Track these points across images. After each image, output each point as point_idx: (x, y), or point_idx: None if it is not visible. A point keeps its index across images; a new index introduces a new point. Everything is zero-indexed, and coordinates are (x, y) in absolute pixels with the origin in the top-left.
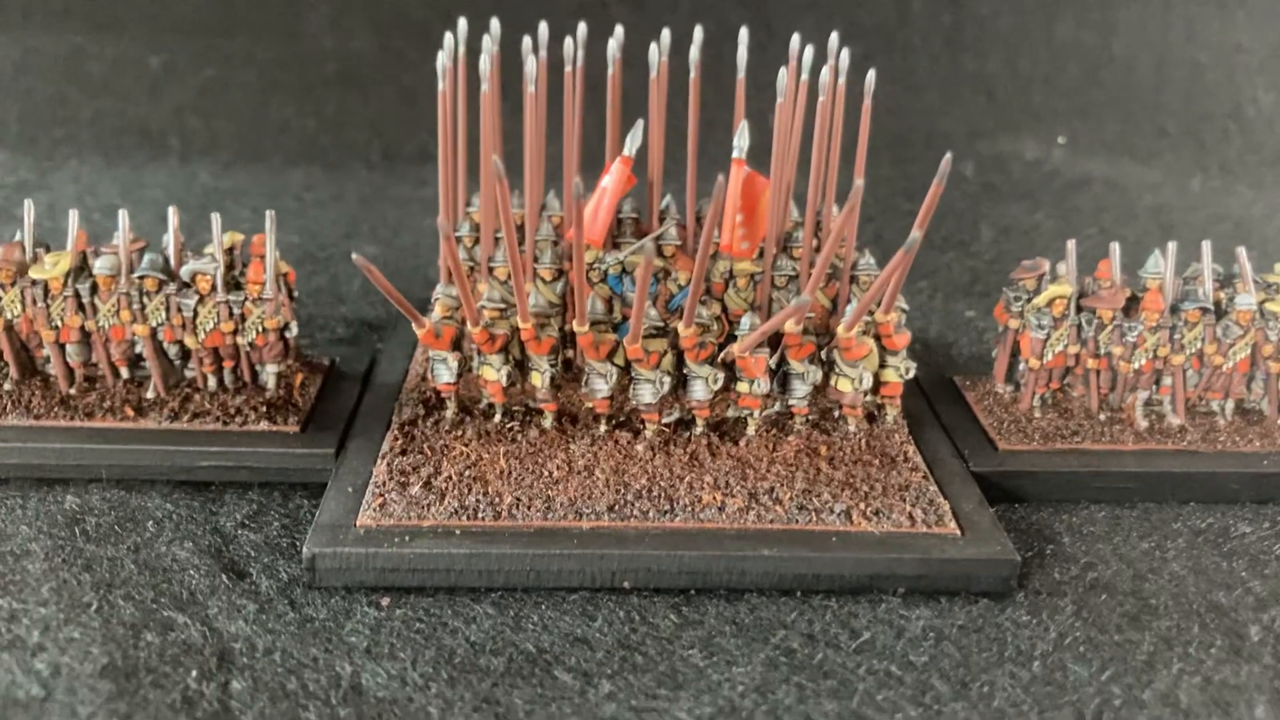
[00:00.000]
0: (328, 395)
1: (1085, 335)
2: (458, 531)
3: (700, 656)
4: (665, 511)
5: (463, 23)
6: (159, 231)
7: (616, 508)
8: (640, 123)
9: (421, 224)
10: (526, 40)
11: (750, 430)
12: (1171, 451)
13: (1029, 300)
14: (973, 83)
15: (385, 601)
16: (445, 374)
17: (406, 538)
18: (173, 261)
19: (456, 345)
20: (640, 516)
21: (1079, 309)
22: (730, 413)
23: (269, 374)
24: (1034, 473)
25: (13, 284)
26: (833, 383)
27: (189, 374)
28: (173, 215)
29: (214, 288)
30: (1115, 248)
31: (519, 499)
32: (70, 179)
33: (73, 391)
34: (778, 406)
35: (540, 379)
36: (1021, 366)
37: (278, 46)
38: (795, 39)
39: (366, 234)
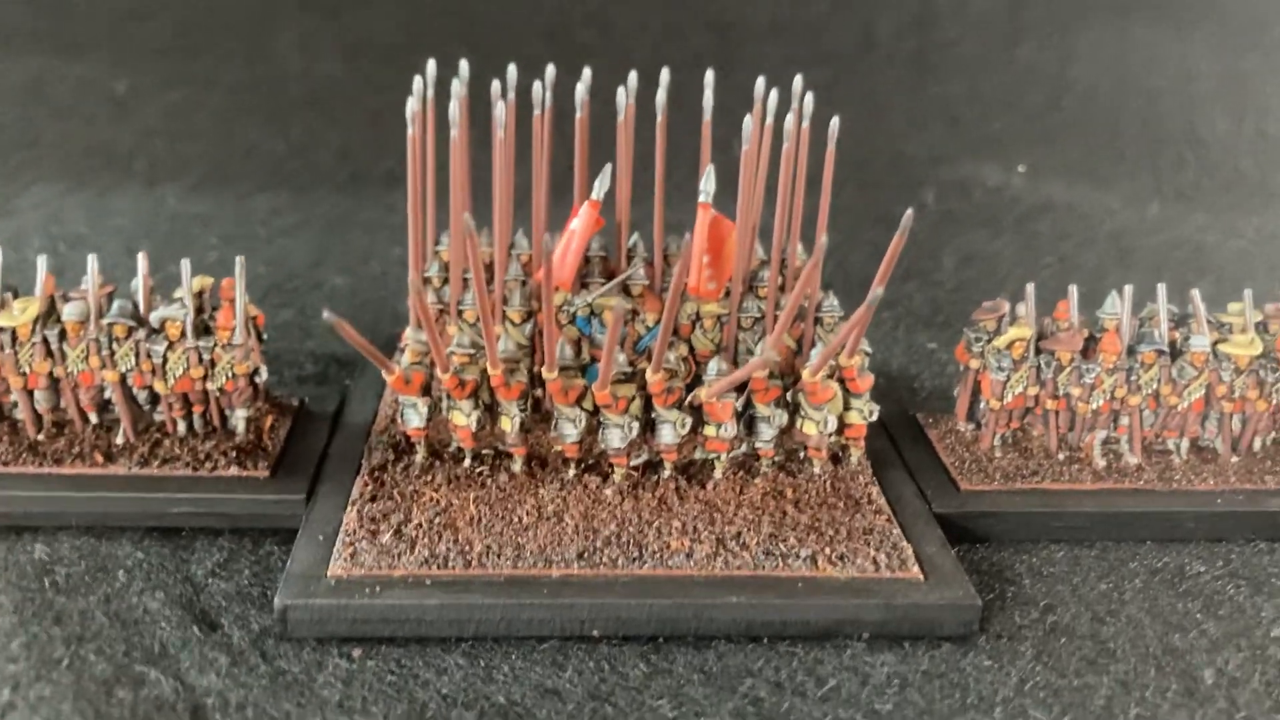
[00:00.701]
0: (297, 437)
1: (1044, 377)
2: (428, 581)
3: (669, 707)
4: (634, 559)
5: (431, 65)
6: (127, 263)
7: (585, 555)
8: (609, 167)
9: (389, 252)
10: (495, 85)
11: (717, 473)
12: (1128, 490)
13: (989, 341)
14: (936, 108)
15: (357, 653)
16: (415, 419)
17: (377, 588)
18: (142, 307)
19: (426, 390)
20: (609, 564)
21: (1038, 350)
22: (698, 454)
23: (238, 419)
24: (995, 513)
25: None
26: (798, 425)
27: (157, 418)
28: (142, 260)
29: (183, 334)
30: (1073, 290)
31: (489, 546)
32: (34, 204)
33: (41, 437)
34: (744, 448)
35: (509, 424)
36: (982, 405)
37: (244, 69)
38: (760, 83)
39: (334, 264)
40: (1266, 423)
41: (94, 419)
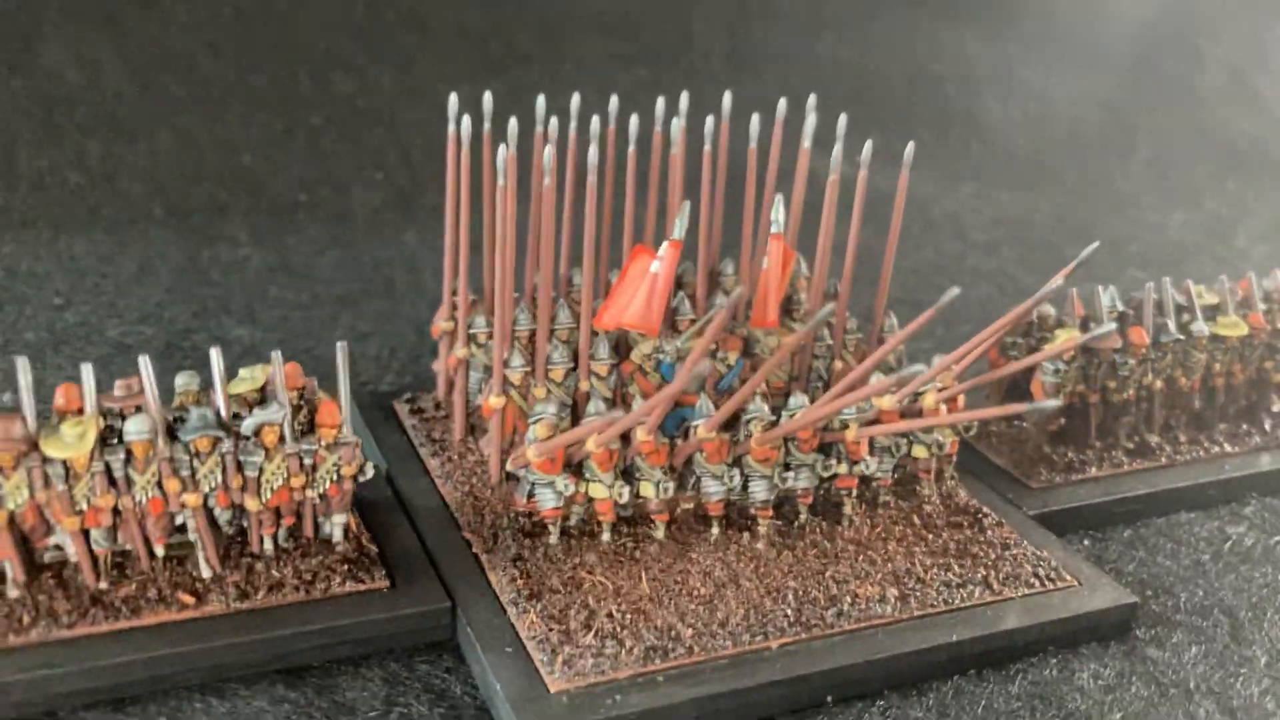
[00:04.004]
0: (382, 536)
1: (1089, 374)
2: (660, 678)
3: None
4: (840, 614)
5: (454, 99)
6: None
7: (794, 618)
8: (686, 205)
9: (268, 293)
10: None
11: (847, 509)
12: (1160, 468)
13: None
14: (751, 103)
15: None
16: (552, 499)
17: (617, 697)
18: (223, 411)
19: (567, 466)
20: (822, 625)
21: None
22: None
23: (335, 525)
24: (1070, 507)
25: (15, 466)
26: (906, 450)
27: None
28: (216, 356)
29: (282, 438)
30: (1113, 290)
31: (695, 629)
32: None
33: (104, 585)
34: None
35: (654, 489)
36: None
37: (11, 84)
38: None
39: (219, 312)
40: (1245, 391)
41: (160, 552)
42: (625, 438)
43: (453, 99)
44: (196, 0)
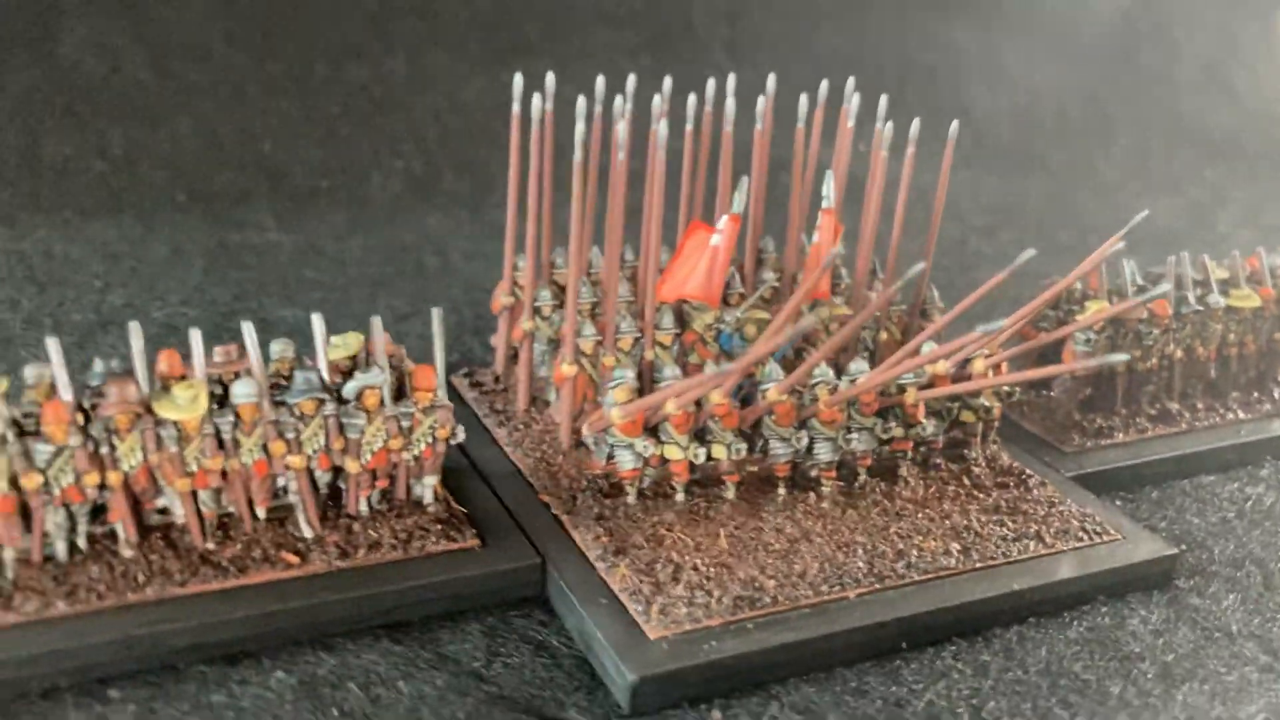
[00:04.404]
0: (462, 499)
1: (1117, 344)
2: (750, 625)
3: (1021, 698)
4: (909, 565)
5: (518, 79)
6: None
7: (866, 570)
8: (745, 180)
9: (302, 274)
10: (655, 100)
11: (903, 471)
12: (1183, 433)
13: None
14: (750, 91)
15: (716, 715)
16: (631, 460)
17: (712, 642)
18: (325, 376)
19: (645, 429)
20: (893, 576)
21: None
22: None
23: (426, 487)
24: (1103, 470)
25: (130, 428)
26: (955, 415)
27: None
28: (318, 323)
29: (382, 402)
30: (1132, 263)
31: (776, 580)
32: None
33: (210, 546)
34: None
35: (726, 451)
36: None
37: (31, 72)
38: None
39: (257, 292)
40: (1256, 361)
41: (262, 514)
42: (698, 402)
43: (518, 79)
44: None
